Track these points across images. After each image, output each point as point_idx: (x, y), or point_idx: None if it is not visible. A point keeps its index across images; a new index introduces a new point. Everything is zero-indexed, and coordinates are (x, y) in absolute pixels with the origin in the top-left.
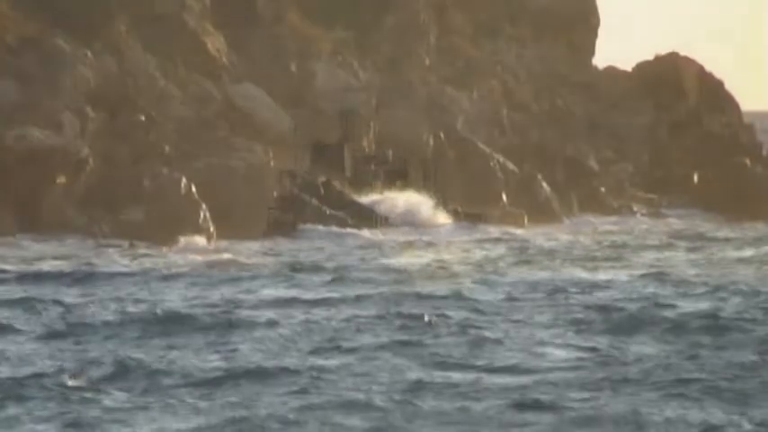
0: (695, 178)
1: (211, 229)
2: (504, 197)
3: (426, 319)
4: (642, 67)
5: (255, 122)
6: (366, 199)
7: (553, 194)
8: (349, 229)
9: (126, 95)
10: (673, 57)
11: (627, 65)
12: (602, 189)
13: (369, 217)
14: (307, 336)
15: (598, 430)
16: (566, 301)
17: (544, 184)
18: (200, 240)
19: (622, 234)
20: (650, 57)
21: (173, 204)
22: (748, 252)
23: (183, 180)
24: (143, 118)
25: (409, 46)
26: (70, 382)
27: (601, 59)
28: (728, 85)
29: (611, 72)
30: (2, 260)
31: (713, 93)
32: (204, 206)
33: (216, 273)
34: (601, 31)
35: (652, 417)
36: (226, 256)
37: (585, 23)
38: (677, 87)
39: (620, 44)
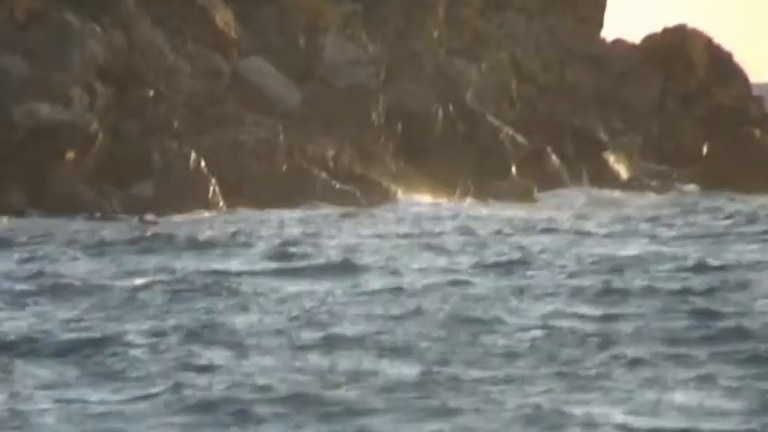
0: (704, 150)
1: (221, 203)
2: (514, 170)
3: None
4: (650, 40)
5: (264, 96)
6: (377, 173)
7: (563, 167)
8: (355, 207)
9: (135, 70)
10: (681, 29)
11: (635, 37)
12: (612, 161)
13: (377, 191)
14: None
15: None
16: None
17: (553, 157)
18: (206, 213)
19: (629, 207)
20: (658, 29)
21: (182, 179)
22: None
23: (193, 154)
24: (152, 93)
25: (417, 18)
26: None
27: (609, 32)
28: (737, 58)
29: (620, 44)
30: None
31: (722, 65)
32: (214, 180)
33: (214, 245)
34: (609, 4)
35: None
36: (230, 229)
37: None
38: (686, 60)
39: (629, 16)
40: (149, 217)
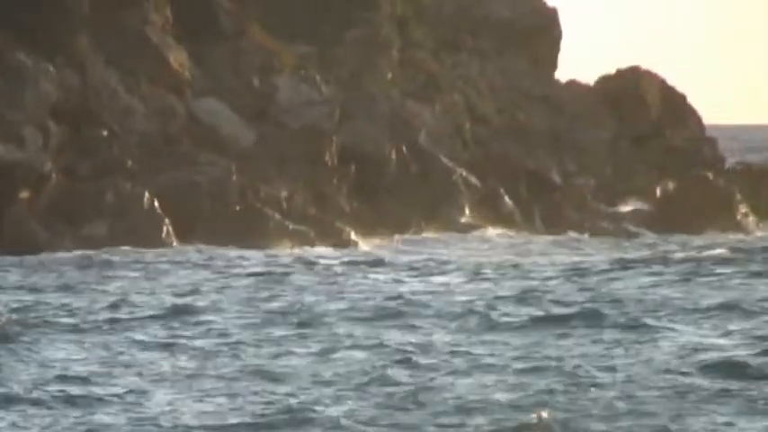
0: (657, 192)
1: (174, 243)
2: (467, 211)
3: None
4: (604, 81)
5: (218, 137)
6: (330, 214)
7: (516, 208)
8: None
9: (88, 110)
10: (634, 71)
11: (589, 79)
12: (565, 203)
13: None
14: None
15: None
16: None
17: (507, 198)
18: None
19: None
20: (612, 71)
21: (136, 219)
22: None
23: (146, 194)
24: (105, 132)
25: (371, 60)
26: None
27: (563, 73)
28: (691, 100)
29: (573, 86)
30: None
31: (675, 107)
32: (167, 220)
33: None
34: (563, 45)
35: None
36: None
37: (548, 37)
38: (639, 101)
39: (583, 58)
40: None
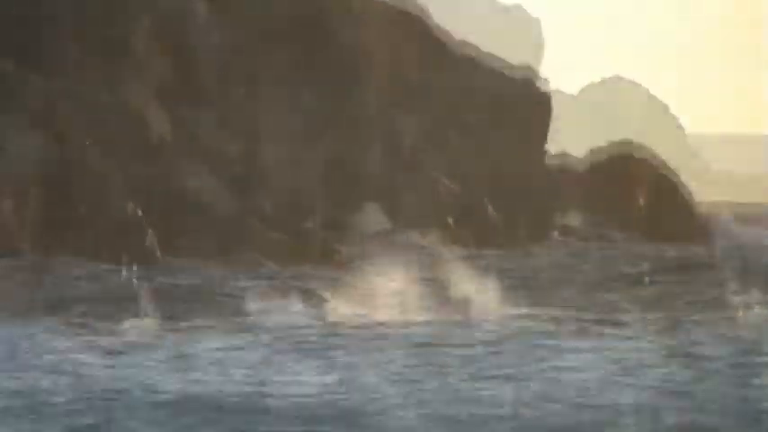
0: (640, 200)
1: (158, 253)
2: (451, 222)
3: None
4: (588, 91)
5: (203, 147)
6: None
7: (500, 219)
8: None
9: (73, 119)
10: (617, 81)
11: (573, 88)
12: (548, 211)
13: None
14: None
15: None
16: None
17: (490, 208)
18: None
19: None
20: (596, 80)
21: (119, 229)
22: None
23: (130, 204)
24: (89, 142)
25: (358, 70)
26: None
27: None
28: (674, 109)
29: (558, 96)
30: None
31: (657, 116)
32: (151, 231)
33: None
34: (547, 55)
35: None
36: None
37: (531, 46)
38: (621, 110)
39: (566, 68)
40: None
